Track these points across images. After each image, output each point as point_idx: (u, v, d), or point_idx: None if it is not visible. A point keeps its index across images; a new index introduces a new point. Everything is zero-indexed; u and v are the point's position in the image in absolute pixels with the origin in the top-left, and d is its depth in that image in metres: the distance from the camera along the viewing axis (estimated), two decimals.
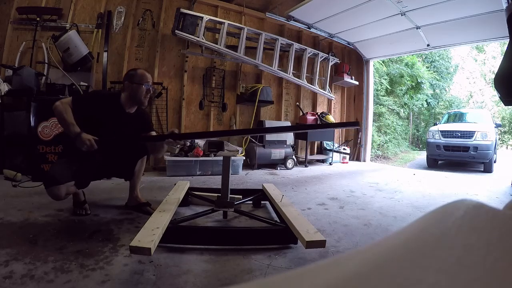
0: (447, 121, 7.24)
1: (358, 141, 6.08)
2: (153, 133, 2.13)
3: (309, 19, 4.93)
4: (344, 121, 6.14)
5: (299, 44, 4.93)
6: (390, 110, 10.61)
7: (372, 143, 7.16)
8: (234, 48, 4.24)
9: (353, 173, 4.47)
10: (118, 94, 2.00)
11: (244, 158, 4.09)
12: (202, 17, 3.99)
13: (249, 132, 4.31)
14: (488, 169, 5.85)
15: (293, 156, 4.67)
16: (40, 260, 1.29)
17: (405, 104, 11.43)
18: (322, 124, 4.77)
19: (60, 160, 1.92)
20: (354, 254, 0.20)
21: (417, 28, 4.58)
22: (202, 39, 3.98)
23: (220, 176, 1.92)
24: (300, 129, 4.25)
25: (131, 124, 1.98)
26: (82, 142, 1.67)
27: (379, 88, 9.84)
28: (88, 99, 1.97)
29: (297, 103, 5.28)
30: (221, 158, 1.95)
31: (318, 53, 5.09)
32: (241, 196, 2.23)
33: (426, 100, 11.83)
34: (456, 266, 0.16)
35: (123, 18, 3.90)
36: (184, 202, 2.20)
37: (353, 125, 1.99)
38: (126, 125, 1.95)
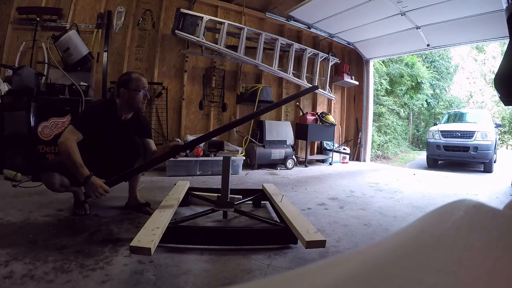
0: (447, 121, 7.24)
1: (358, 141, 6.08)
2: (150, 141, 2.07)
3: (309, 19, 4.93)
4: (345, 122, 6.15)
5: (299, 44, 4.92)
6: (390, 110, 10.60)
7: (372, 143, 7.17)
8: (234, 48, 4.24)
9: (353, 173, 4.47)
10: (112, 101, 1.90)
11: (244, 158, 4.09)
12: (202, 17, 3.99)
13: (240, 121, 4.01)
14: (488, 169, 5.85)
15: (293, 156, 4.67)
16: (40, 260, 1.29)
17: (405, 104, 11.43)
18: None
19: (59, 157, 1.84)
20: (354, 254, 0.20)
21: (417, 28, 4.58)
22: (202, 39, 3.98)
23: (220, 176, 1.92)
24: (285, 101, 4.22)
25: (127, 131, 1.94)
26: (93, 188, 1.55)
27: (379, 88, 9.84)
28: (88, 118, 1.80)
29: (297, 103, 5.27)
30: (221, 158, 1.95)
31: (318, 53, 5.09)
32: (241, 196, 2.23)
33: (426, 100, 11.84)
34: (456, 266, 0.16)
35: (123, 18, 3.90)
36: (184, 202, 2.20)
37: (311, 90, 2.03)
38: (122, 133, 1.92)
